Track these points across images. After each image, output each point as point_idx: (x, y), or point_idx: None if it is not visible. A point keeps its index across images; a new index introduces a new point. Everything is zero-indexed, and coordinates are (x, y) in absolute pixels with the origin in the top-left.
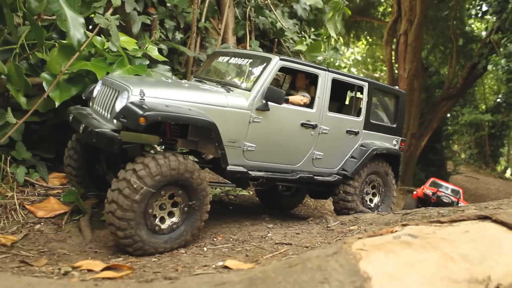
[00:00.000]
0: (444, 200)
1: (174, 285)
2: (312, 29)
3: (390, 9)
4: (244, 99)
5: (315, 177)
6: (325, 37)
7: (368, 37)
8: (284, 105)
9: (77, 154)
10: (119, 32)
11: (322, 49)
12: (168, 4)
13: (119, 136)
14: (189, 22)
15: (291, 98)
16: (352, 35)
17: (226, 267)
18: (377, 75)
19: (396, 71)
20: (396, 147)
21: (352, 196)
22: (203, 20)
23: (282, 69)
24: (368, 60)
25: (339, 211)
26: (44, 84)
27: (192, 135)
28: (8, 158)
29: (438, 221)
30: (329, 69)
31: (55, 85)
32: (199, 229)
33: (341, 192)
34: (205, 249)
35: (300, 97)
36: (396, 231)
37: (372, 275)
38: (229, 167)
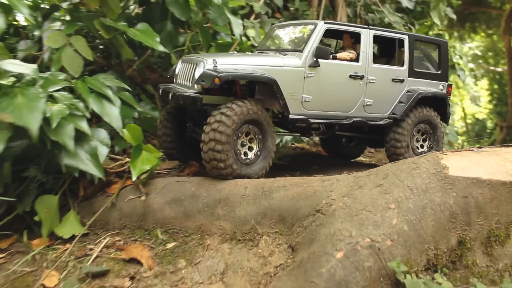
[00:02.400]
0: None
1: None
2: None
3: None
4: (297, 59)
5: (368, 121)
6: (429, 25)
7: (485, 29)
8: (333, 61)
9: (169, 123)
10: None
11: None
12: (291, 8)
13: (201, 96)
14: None
15: (338, 55)
16: (467, 28)
17: None
18: (499, 70)
19: None
20: (443, 91)
21: (402, 141)
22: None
23: (328, 32)
24: (489, 53)
25: (391, 156)
26: None
27: (259, 93)
28: None
29: (507, 145)
30: (370, 26)
31: None
32: (272, 158)
33: (392, 138)
34: None
35: (347, 53)
36: (472, 149)
37: (449, 166)
38: (291, 116)
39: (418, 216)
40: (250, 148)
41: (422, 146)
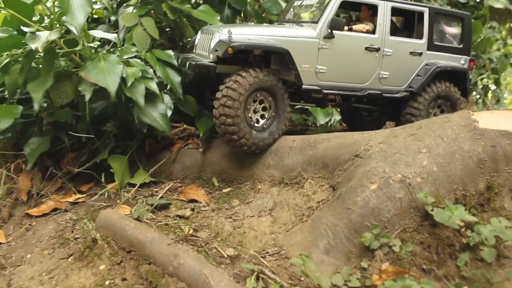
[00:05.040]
0: None
1: None
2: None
3: None
4: (312, 30)
5: (383, 94)
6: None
7: None
8: (348, 33)
9: (190, 92)
10: None
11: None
12: None
13: (215, 64)
14: None
15: (354, 27)
16: None
17: None
18: None
19: None
20: (465, 66)
21: (417, 116)
22: None
23: (345, 4)
24: None
25: None
26: None
27: (274, 64)
28: None
29: None
30: None
31: None
32: (283, 131)
33: (407, 112)
34: None
35: (363, 25)
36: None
37: (479, 120)
38: (305, 86)
39: (447, 160)
40: (262, 116)
41: None
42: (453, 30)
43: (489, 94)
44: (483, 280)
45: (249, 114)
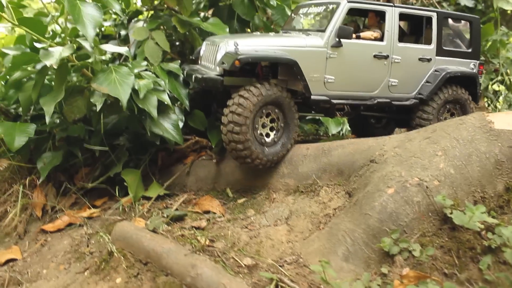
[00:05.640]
0: None
1: None
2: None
3: None
4: (320, 39)
5: (393, 102)
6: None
7: None
8: (356, 41)
9: (196, 104)
10: None
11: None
12: None
13: (222, 78)
14: None
15: (362, 34)
16: None
17: None
18: None
19: None
20: (474, 70)
21: (428, 122)
22: None
23: (352, 11)
24: None
25: None
26: None
27: (281, 74)
28: None
29: None
30: (395, 4)
31: None
32: (295, 139)
33: (418, 117)
34: None
35: (371, 33)
36: None
37: (494, 121)
38: (313, 96)
39: (464, 162)
40: (272, 129)
41: None
42: (462, 34)
43: (501, 99)
44: (507, 283)
45: (258, 132)
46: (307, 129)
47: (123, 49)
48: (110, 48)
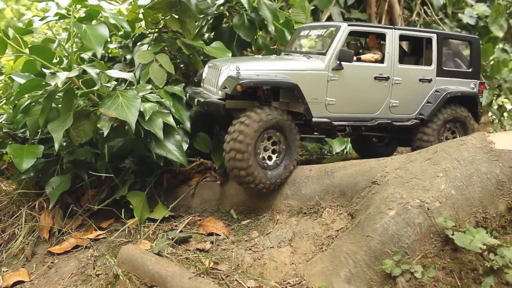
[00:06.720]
0: None
1: None
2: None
3: None
4: (321, 62)
5: (394, 122)
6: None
7: None
8: (357, 63)
9: (198, 127)
10: None
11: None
12: None
13: (224, 102)
14: None
15: (363, 56)
16: None
17: None
18: None
19: None
20: (475, 90)
21: (428, 142)
22: None
23: (353, 33)
24: None
25: None
26: None
27: (283, 97)
28: None
29: None
30: (395, 26)
31: None
32: (297, 160)
33: (418, 138)
34: None
35: (371, 55)
36: None
37: (495, 142)
38: (315, 119)
39: (465, 183)
40: (274, 151)
41: None
42: (462, 53)
43: (505, 114)
44: None
45: (260, 156)
46: (310, 148)
47: (128, 75)
48: (116, 73)
